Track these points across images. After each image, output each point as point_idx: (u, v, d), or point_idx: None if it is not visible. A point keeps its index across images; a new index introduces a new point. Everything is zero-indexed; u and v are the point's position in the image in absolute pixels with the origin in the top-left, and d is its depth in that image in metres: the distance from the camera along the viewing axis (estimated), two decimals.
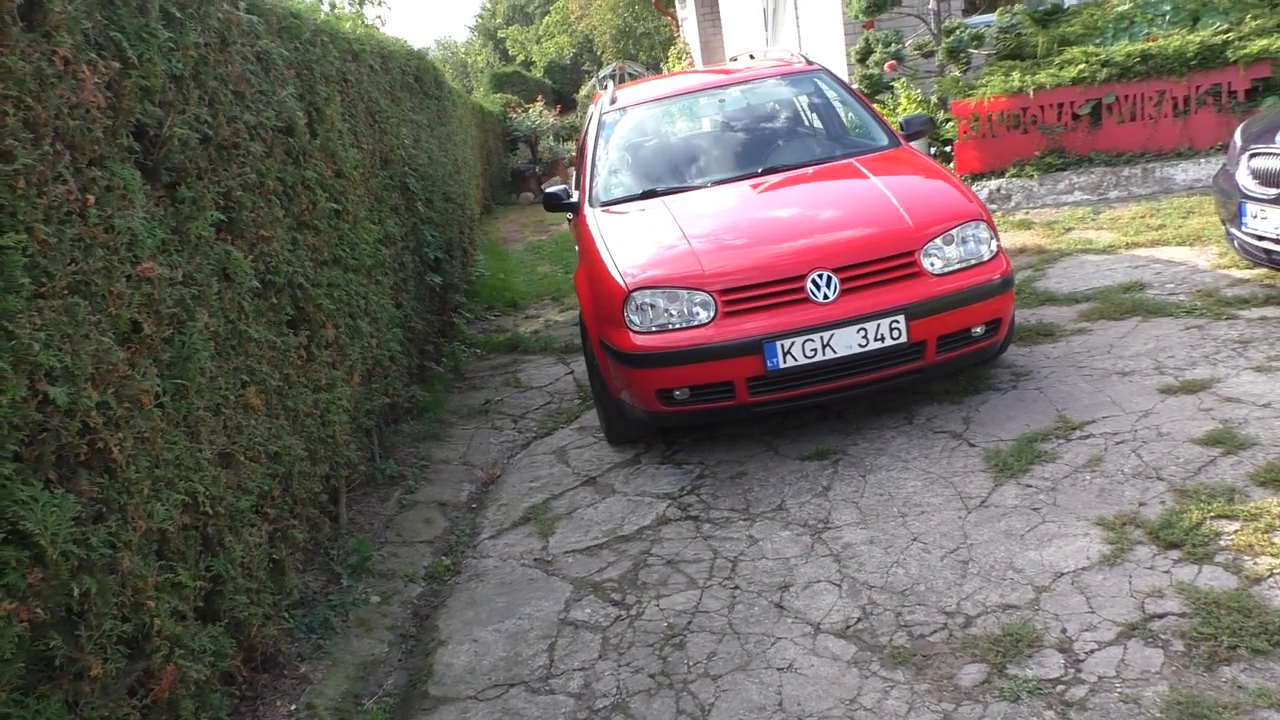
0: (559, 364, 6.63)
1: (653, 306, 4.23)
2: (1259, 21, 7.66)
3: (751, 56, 7.06)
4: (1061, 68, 8.12)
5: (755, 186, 4.96)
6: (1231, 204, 5.06)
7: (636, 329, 4.23)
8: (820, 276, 4.11)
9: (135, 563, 2.22)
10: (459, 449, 5.31)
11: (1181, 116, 7.69)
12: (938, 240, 4.22)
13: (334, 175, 4.32)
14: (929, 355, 4.19)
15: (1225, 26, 7.79)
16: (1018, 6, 9.78)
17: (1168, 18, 8.18)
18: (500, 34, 51.24)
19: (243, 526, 2.91)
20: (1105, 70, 7.75)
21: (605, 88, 7.00)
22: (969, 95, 8.42)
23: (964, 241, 4.27)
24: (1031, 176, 8.02)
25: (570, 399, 5.90)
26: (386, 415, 5.13)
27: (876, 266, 4.15)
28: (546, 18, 45.30)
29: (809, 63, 5.93)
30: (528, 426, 5.56)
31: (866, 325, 4.05)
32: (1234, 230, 5.15)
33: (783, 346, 4.04)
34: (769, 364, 4.06)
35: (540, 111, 21.15)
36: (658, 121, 5.97)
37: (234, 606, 2.81)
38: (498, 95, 23.66)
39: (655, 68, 26.52)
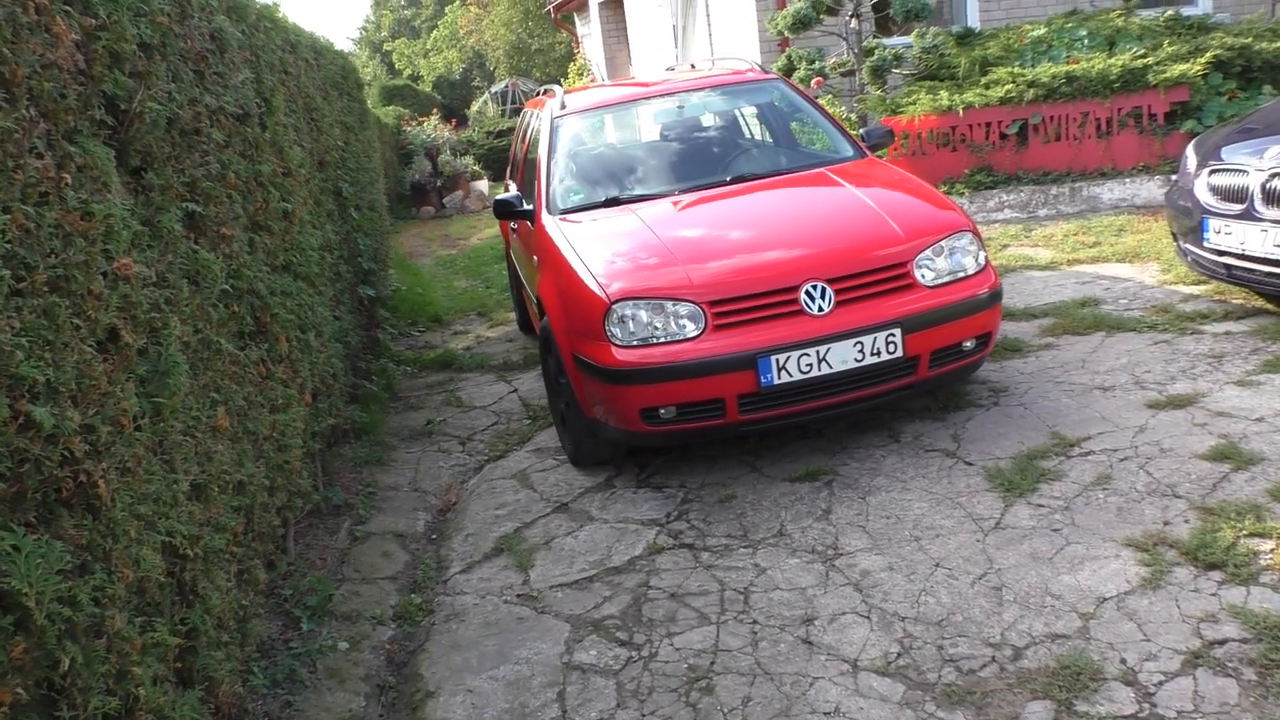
0: (500, 382, 6.27)
1: (636, 319, 3.95)
2: (1175, 48, 7.91)
3: (694, 66, 6.87)
4: (988, 87, 8.22)
5: (728, 195, 4.74)
6: (1191, 220, 5.10)
7: (618, 343, 3.95)
8: (814, 288, 3.91)
9: (122, 622, 1.81)
10: (406, 474, 4.90)
11: (1104, 137, 7.86)
12: (928, 251, 4.08)
13: (283, 173, 3.91)
14: (922, 370, 4.03)
15: (1143, 51, 8.02)
16: (933, 29, 9.92)
17: (1085, 42, 8.38)
18: (386, 47, 50.11)
19: (216, 569, 2.50)
20: (1031, 91, 7.87)
21: (544, 93, 6.70)
22: (897, 113, 8.44)
23: (953, 253, 4.15)
24: (962, 194, 8.07)
25: (518, 419, 5.55)
26: (329, 438, 4.69)
27: (871, 278, 3.98)
28: (435, 32, 44.48)
29: (764, 71, 5.77)
30: (477, 449, 5.19)
31: (863, 339, 3.87)
32: (1189, 246, 5.20)
33: (778, 361, 3.82)
34: (763, 380, 3.83)
35: (436, 125, 20.61)
36: (613, 127, 5.71)
37: (208, 664, 2.40)
38: (389, 108, 22.99)
39: (555, 84, 26.27)
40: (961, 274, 4.11)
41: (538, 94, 7.06)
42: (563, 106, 5.53)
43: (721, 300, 3.91)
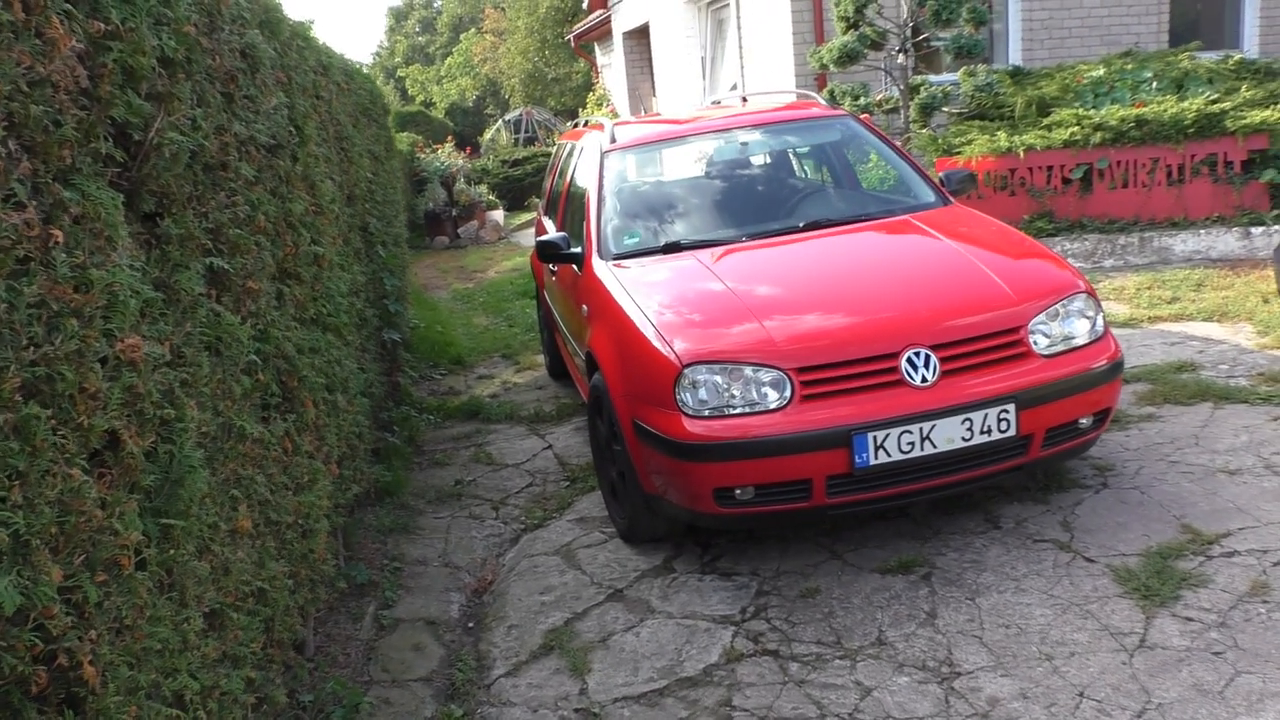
0: (531, 435, 5.77)
1: (710, 386, 3.46)
2: (1253, 92, 7.47)
3: (745, 99, 6.42)
4: (1050, 129, 7.77)
5: (805, 243, 4.26)
6: None
7: (689, 412, 3.45)
8: (917, 354, 3.42)
9: None
10: (436, 545, 4.39)
11: (1176, 185, 7.40)
12: (1042, 315, 3.59)
13: (314, 211, 3.44)
14: (1034, 450, 3.54)
15: (1216, 95, 7.58)
16: (981, 67, 9.50)
17: (1153, 85, 7.94)
18: (400, 73, 50.05)
19: (231, 714, 1.99)
20: (1098, 134, 7.42)
21: (586, 125, 6.25)
22: (951, 154, 7.99)
23: (1069, 317, 3.66)
24: None
25: (555, 480, 5.05)
26: (353, 507, 4.19)
27: (981, 345, 3.49)
28: (449, 59, 44.39)
29: (831, 105, 5.31)
30: (512, 515, 4.68)
31: (972, 415, 3.37)
32: None
33: (875, 439, 3.32)
34: (857, 460, 3.33)
35: (450, 153, 20.25)
36: (669, 165, 5.25)
37: None
38: (403, 134, 22.67)
39: (571, 115, 25.95)
40: (1079, 341, 3.62)
41: (577, 124, 6.61)
42: (613, 140, 5.06)
43: (811, 367, 3.42)
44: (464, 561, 4.24)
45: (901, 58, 9.29)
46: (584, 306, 4.48)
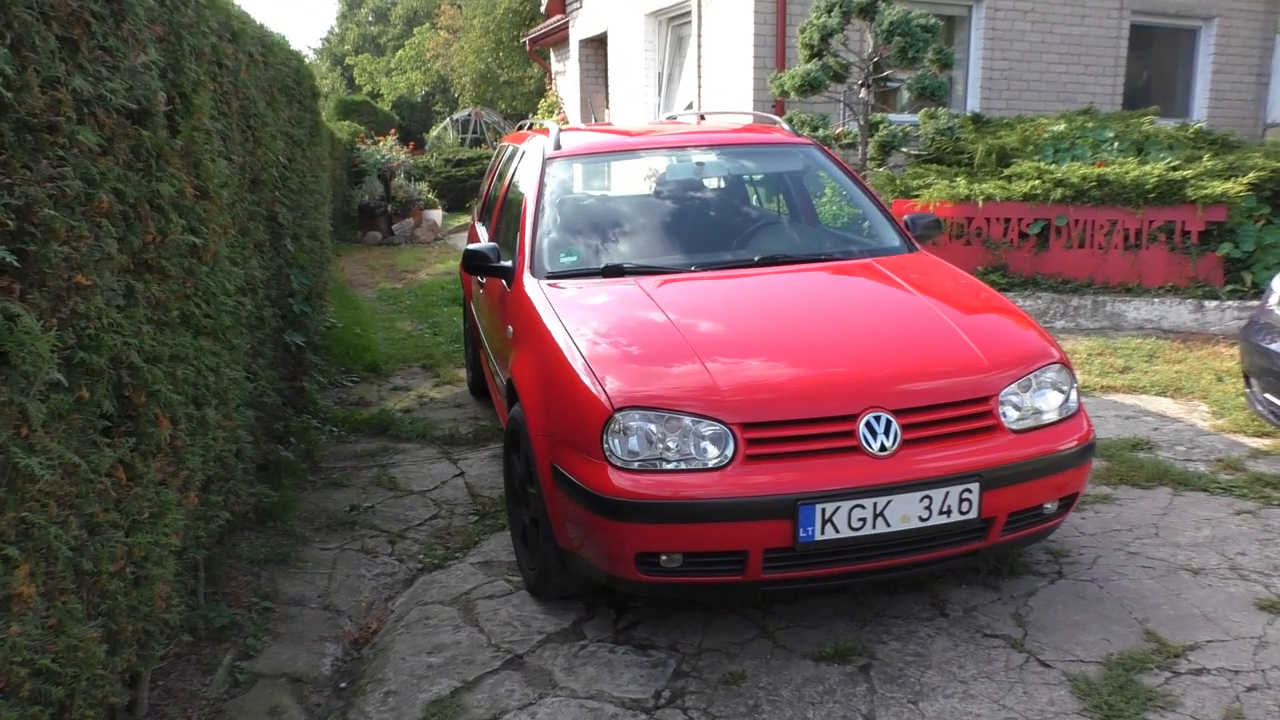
0: (443, 459, 5.26)
1: (643, 435, 3.02)
2: (1213, 162, 7.32)
3: (702, 117, 6.03)
4: (1011, 180, 7.54)
5: (759, 280, 3.86)
6: (1274, 364, 4.36)
7: (618, 463, 3.01)
8: (877, 419, 3.03)
9: None
10: (318, 582, 3.87)
11: (1132, 250, 7.22)
12: (1014, 385, 3.24)
13: (195, 194, 2.93)
14: (994, 534, 3.17)
15: (1177, 161, 7.43)
16: (942, 110, 9.29)
17: (1115, 146, 7.77)
18: (348, 61, 48.91)
19: None
20: (1059, 190, 7.21)
21: (532, 128, 5.80)
22: (908, 196, 7.71)
23: (1041, 389, 3.31)
24: None
25: (463, 513, 4.56)
26: (223, 533, 3.65)
27: (947, 413, 3.12)
28: (400, 51, 43.46)
29: (794, 132, 4.93)
30: (410, 551, 4.19)
31: (933, 493, 2.99)
32: (1270, 395, 4.46)
33: (824, 512, 2.92)
34: (801, 534, 2.92)
35: (392, 146, 19.59)
36: (616, 179, 4.82)
37: None
38: (345, 123, 21.93)
39: (520, 118, 25.42)
40: (1050, 417, 3.27)
41: (523, 127, 6.16)
42: (557, 146, 4.61)
43: (758, 423, 3.00)
44: (347, 604, 3.73)
45: (864, 92, 9.02)
46: (510, 327, 4.02)
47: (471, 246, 4.29)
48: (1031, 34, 11.42)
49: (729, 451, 2.98)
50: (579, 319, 3.53)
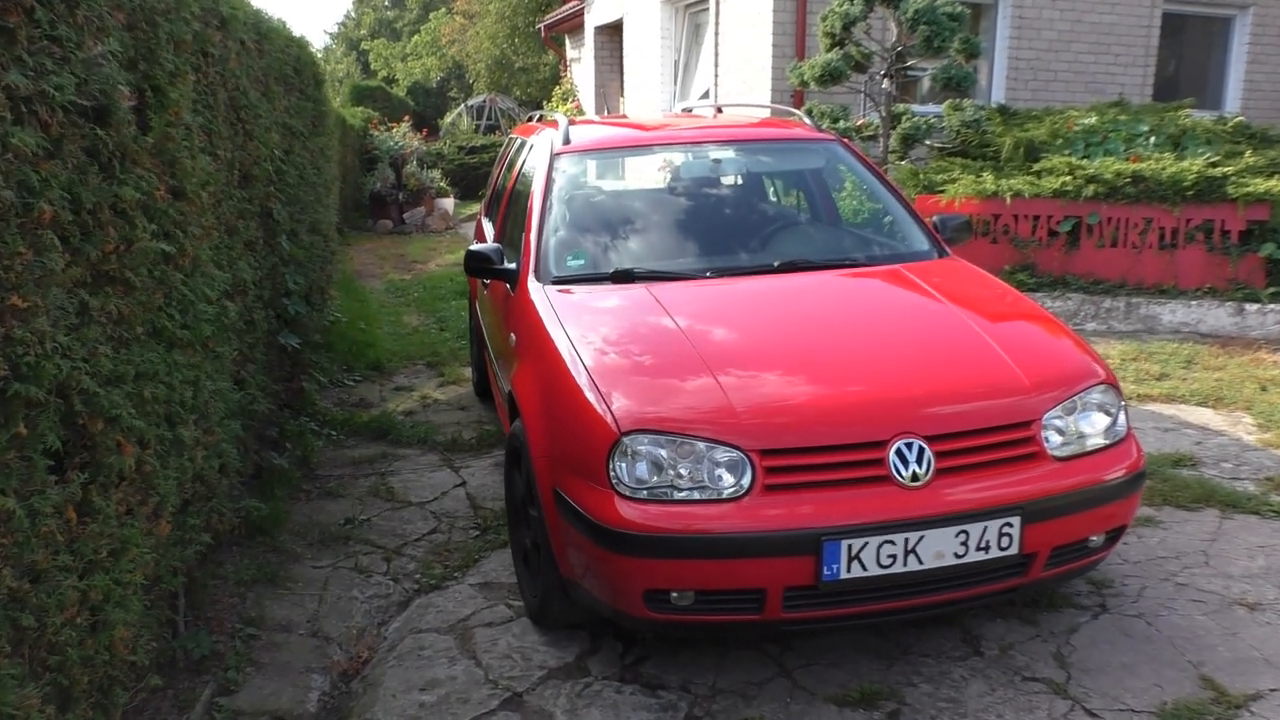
0: (444, 467, 5.03)
1: (653, 461, 2.78)
2: (1255, 159, 7.01)
3: (720, 110, 5.76)
4: (1040, 176, 7.24)
5: (778, 288, 3.60)
6: None
7: (625, 492, 2.77)
8: (909, 445, 2.78)
9: None
10: (307, 605, 3.65)
11: (1168, 249, 6.92)
12: (1058, 408, 2.97)
13: (169, 195, 2.69)
14: (1035, 570, 2.91)
15: (1216, 157, 7.11)
16: (967, 102, 8.98)
17: (1150, 140, 7.46)
18: (364, 46, 48.66)
19: None
20: (1091, 187, 6.91)
21: (540, 120, 5.54)
22: (933, 191, 7.42)
23: (1087, 412, 3.04)
24: None
25: (464, 526, 4.33)
26: (207, 553, 3.43)
27: (986, 439, 2.86)
28: (416, 37, 43.16)
29: (816, 127, 4.66)
30: (406, 569, 3.96)
31: (970, 528, 2.74)
32: None
33: (850, 548, 2.67)
34: (825, 571, 2.68)
35: (405, 133, 19.35)
36: (629, 177, 4.56)
37: None
38: (358, 109, 21.70)
39: (536, 106, 25.15)
40: (1097, 442, 3.01)
41: (533, 119, 5.91)
42: (566, 141, 4.35)
43: (779, 449, 2.75)
44: (337, 630, 3.50)
45: (886, 83, 8.71)
46: (512, 335, 3.78)
47: (474, 247, 4.05)
48: (1060, 22, 11.07)
49: (746, 480, 2.73)
50: (585, 329, 3.28)
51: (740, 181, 4.60)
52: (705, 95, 12.39)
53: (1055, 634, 3.23)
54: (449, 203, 16.37)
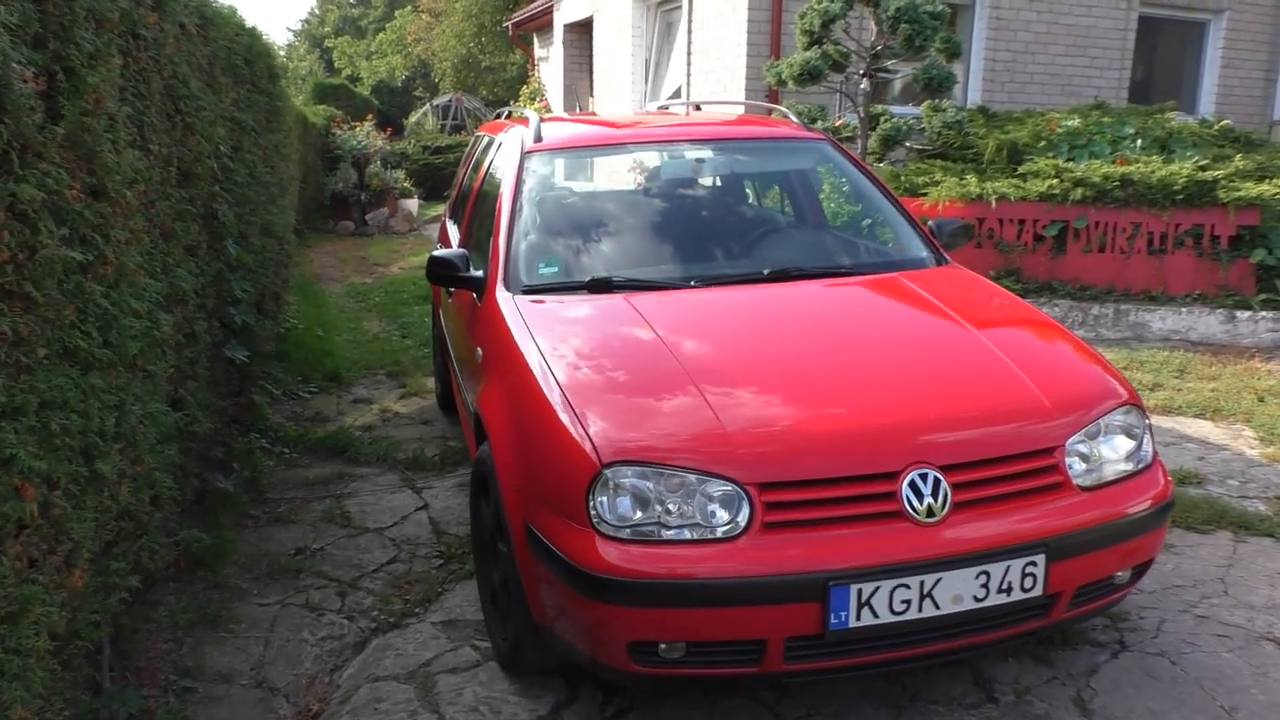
0: (404, 488, 4.70)
1: (639, 495, 2.48)
2: (1244, 162, 6.83)
3: (697, 107, 5.47)
4: (1025, 179, 7.03)
5: (769, 298, 3.31)
6: None
7: (607, 531, 2.46)
8: (923, 476, 2.49)
9: None
10: (251, 649, 3.30)
11: (1157, 255, 6.72)
12: (1081, 433, 2.70)
13: (85, 194, 2.35)
14: (1058, 611, 2.64)
15: (1205, 161, 6.93)
16: (947, 103, 8.78)
17: (1137, 143, 7.27)
18: (328, 43, 47.93)
19: None
20: (1079, 190, 6.70)
21: (509, 117, 5.22)
22: (916, 195, 7.18)
23: (1110, 435, 2.78)
24: None
25: (426, 554, 4.00)
26: (138, 596, 3.07)
27: (1007, 468, 2.58)
28: (381, 35, 42.55)
29: (805, 126, 4.37)
30: (363, 605, 3.62)
31: (991, 567, 2.46)
32: None
33: (860, 594, 2.38)
34: (833, 619, 2.39)
35: (369, 132, 18.90)
36: (604, 177, 4.26)
37: None
38: (321, 107, 21.21)
39: (502, 104, 24.75)
40: (1123, 469, 2.74)
41: (501, 115, 5.59)
42: (537, 139, 4.04)
43: (780, 483, 2.46)
44: (285, 679, 3.16)
45: (865, 83, 8.47)
46: (479, 349, 3.46)
47: (437, 253, 3.72)
48: (1037, 24, 10.92)
49: (743, 517, 2.44)
50: (560, 344, 2.97)
51: (724, 183, 4.31)
52: (676, 94, 12.13)
53: (1074, 675, 2.97)
54: (413, 204, 15.98)
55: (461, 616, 3.49)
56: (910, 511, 2.46)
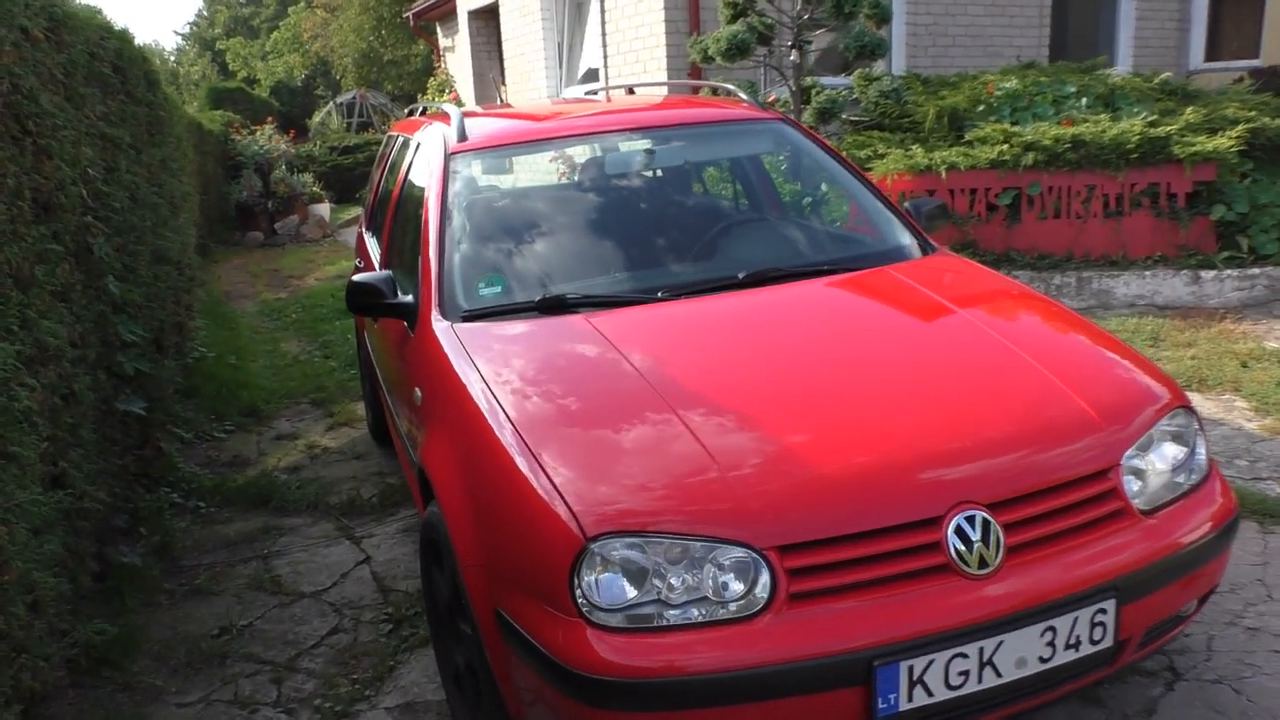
0: (341, 539, 4.17)
1: (632, 570, 2.02)
2: (1194, 115, 6.60)
3: (632, 90, 4.99)
4: (973, 146, 6.71)
5: (751, 307, 2.87)
6: None
7: (598, 620, 2.00)
8: (970, 520, 2.08)
9: None
10: None
11: (1114, 218, 6.46)
12: (1134, 447, 2.32)
13: None
14: (1125, 656, 2.27)
15: (1154, 116, 6.69)
16: (879, 71, 8.45)
17: (1083, 102, 7.00)
18: (219, 45, 46.08)
19: None
20: (1030, 155, 6.39)
21: (424, 114, 4.69)
22: (863, 169, 6.81)
23: (1161, 444, 2.40)
24: None
25: (373, 620, 3.50)
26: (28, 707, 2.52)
27: (1062, 498, 2.19)
28: (275, 33, 41.00)
29: (759, 106, 3.93)
30: (303, 693, 3.11)
31: (1057, 621, 2.07)
32: None
33: (911, 671, 1.97)
34: (881, 705, 1.97)
35: (270, 136, 17.98)
36: (543, 178, 3.76)
37: None
38: (217, 112, 20.17)
39: (409, 100, 23.89)
40: (1181, 484, 2.38)
41: (414, 113, 5.05)
42: (461, 136, 3.52)
43: (805, 543, 2.03)
44: None
45: (794, 54, 8.08)
46: (417, 391, 2.96)
47: (358, 278, 3.19)
48: None
49: (762, 589, 2.00)
50: (515, 384, 2.49)
51: (678, 174, 3.85)
52: (592, 77, 11.62)
53: (1129, 716, 2.60)
54: (324, 208, 15.21)
55: (420, 697, 3.01)
56: (959, 563, 2.05)
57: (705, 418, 2.26)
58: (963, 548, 2.06)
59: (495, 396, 2.45)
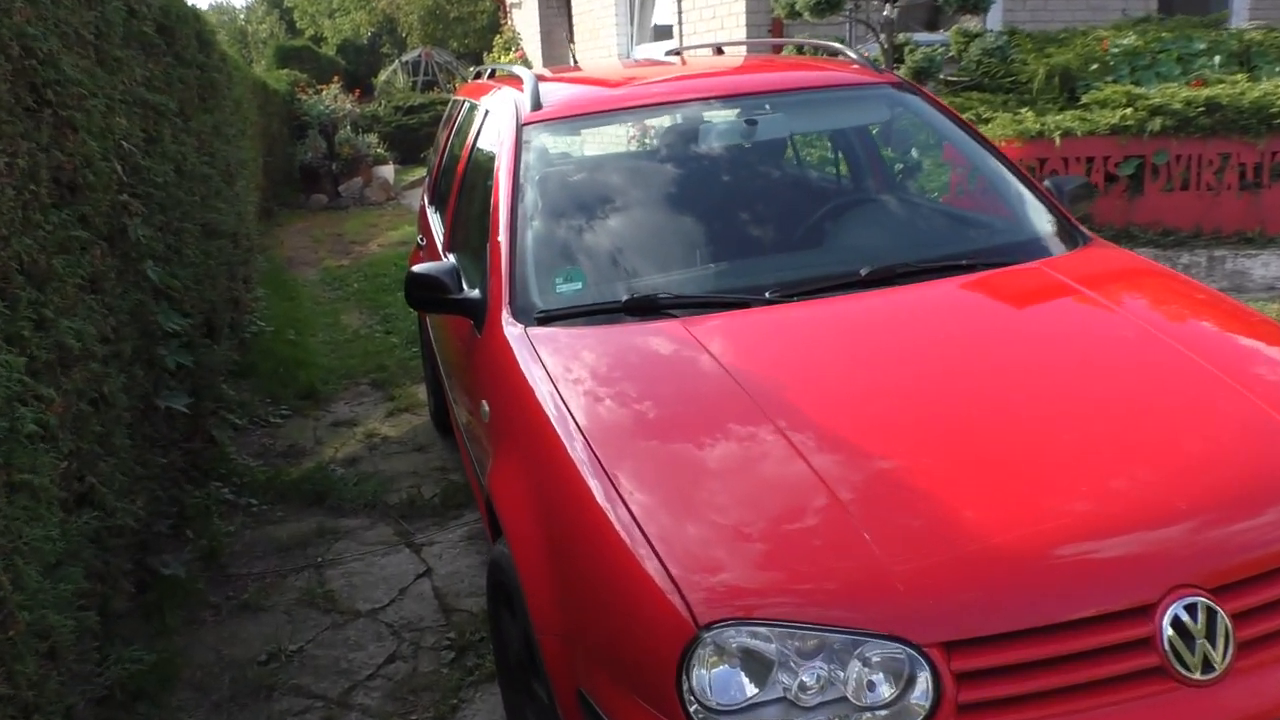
0: (400, 545, 3.82)
1: (755, 666, 1.60)
2: None
3: (721, 50, 4.48)
4: (1091, 110, 6.08)
5: (886, 316, 2.40)
6: None
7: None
8: (1190, 608, 1.62)
9: None
10: None
11: (1250, 190, 5.81)
12: None
13: None
14: None
15: None
16: (979, 27, 7.81)
17: (1216, 60, 6.32)
18: (288, 3, 46.10)
19: None
20: (1157, 120, 5.76)
21: (493, 76, 4.26)
22: None
23: None
24: None
25: (434, 646, 3.15)
26: None
27: None
28: None
29: (874, 68, 3.41)
30: None
31: None
32: None
33: None
34: None
35: (336, 95, 17.73)
36: (628, 153, 3.32)
37: None
38: (284, 71, 19.98)
39: (475, 58, 23.46)
40: None
41: (481, 75, 4.63)
42: (536, 104, 3.09)
43: (978, 639, 1.59)
44: None
45: (887, 8, 7.47)
46: (484, 404, 2.56)
47: (418, 269, 2.79)
48: None
49: (922, 695, 1.57)
50: (604, 414, 2.07)
51: (780, 150, 3.37)
52: (664, 34, 11.07)
53: None
54: (388, 170, 14.94)
55: None
56: (1176, 665, 1.59)
57: (845, 469, 1.82)
58: (1182, 644, 1.60)
59: (581, 429, 2.04)
